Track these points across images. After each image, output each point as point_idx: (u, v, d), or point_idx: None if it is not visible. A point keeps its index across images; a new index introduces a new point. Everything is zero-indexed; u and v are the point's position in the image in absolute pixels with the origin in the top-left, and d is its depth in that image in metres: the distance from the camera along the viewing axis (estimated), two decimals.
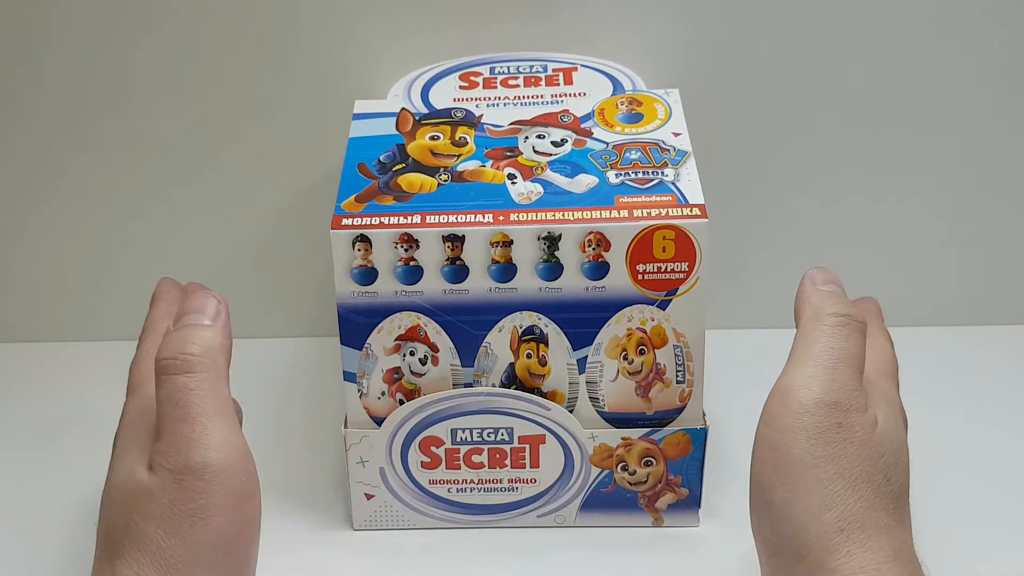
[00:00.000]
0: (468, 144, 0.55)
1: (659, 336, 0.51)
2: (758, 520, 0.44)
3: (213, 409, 0.43)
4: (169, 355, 0.43)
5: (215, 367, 0.44)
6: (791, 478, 0.42)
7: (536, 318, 0.51)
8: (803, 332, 0.45)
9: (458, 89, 0.60)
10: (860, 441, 0.42)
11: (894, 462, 0.43)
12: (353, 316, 0.51)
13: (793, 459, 0.42)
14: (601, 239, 0.49)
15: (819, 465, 0.42)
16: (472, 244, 0.50)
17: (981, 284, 0.71)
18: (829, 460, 0.42)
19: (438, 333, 0.51)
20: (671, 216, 0.49)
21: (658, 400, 0.53)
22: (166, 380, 0.43)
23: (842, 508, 0.41)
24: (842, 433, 0.42)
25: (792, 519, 0.42)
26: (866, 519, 0.42)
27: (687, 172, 0.52)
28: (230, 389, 0.45)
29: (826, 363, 0.43)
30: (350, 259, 0.50)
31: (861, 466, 0.42)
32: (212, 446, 0.42)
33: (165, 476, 0.42)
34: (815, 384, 0.43)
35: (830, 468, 0.42)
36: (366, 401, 0.53)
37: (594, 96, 0.58)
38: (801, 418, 0.42)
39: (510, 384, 0.52)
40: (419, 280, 0.50)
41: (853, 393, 0.43)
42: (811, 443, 0.42)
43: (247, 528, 0.43)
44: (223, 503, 0.42)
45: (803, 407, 0.42)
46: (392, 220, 0.50)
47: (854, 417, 0.43)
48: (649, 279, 0.50)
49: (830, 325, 0.45)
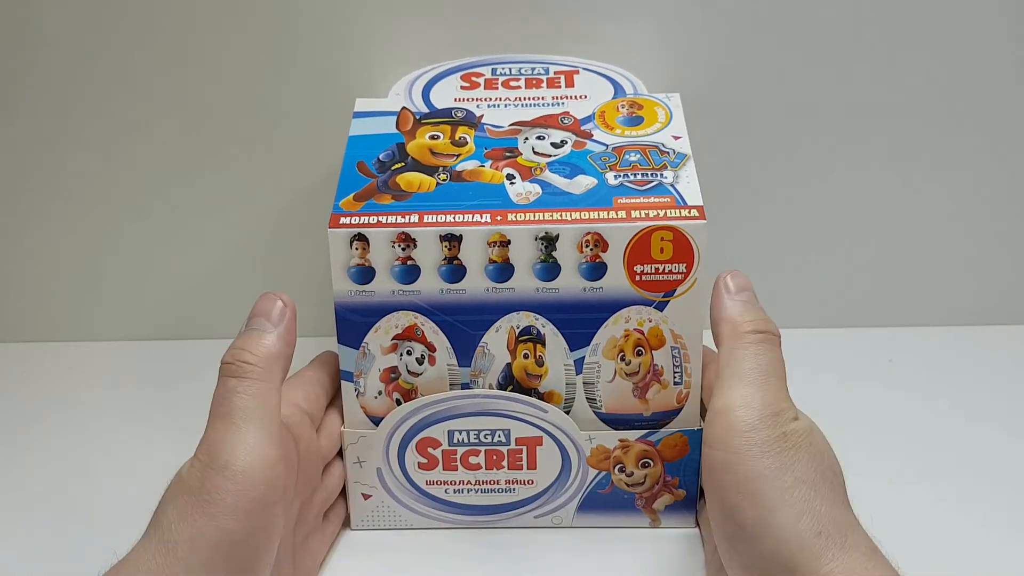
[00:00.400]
0: (468, 144, 0.55)
1: (657, 337, 0.51)
2: (731, 547, 0.44)
3: (254, 415, 0.45)
4: (228, 359, 0.46)
5: (267, 375, 0.46)
6: (758, 496, 0.43)
7: (533, 318, 0.51)
8: (727, 352, 0.47)
9: (459, 89, 0.60)
10: (805, 446, 0.44)
11: (831, 459, 0.45)
12: (350, 315, 0.51)
13: (754, 476, 0.43)
14: (599, 240, 0.49)
15: (779, 476, 0.43)
16: (470, 244, 0.50)
17: (981, 284, 0.70)
18: (786, 469, 0.43)
19: (435, 333, 0.51)
20: (669, 217, 0.49)
21: (655, 401, 0.53)
22: (221, 381, 0.46)
23: (812, 513, 0.42)
24: (788, 441, 0.44)
25: (769, 536, 0.42)
26: (836, 518, 0.42)
27: (686, 174, 0.52)
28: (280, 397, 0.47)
29: (758, 380, 0.45)
30: (347, 258, 0.50)
31: (813, 468, 0.43)
32: (239, 449, 0.44)
33: (196, 466, 0.44)
34: (754, 402, 0.45)
35: (788, 477, 0.43)
36: (363, 400, 0.53)
37: (595, 99, 0.58)
38: (750, 436, 0.44)
39: (507, 384, 0.52)
40: (416, 279, 0.50)
41: (786, 403, 0.45)
42: (767, 458, 0.43)
43: (256, 536, 0.44)
44: (235, 504, 0.43)
45: (749, 425, 0.44)
46: (390, 219, 0.50)
47: (793, 425, 0.45)
48: (647, 280, 0.50)
49: (751, 342, 0.47)
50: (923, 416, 0.63)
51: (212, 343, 0.71)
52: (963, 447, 0.61)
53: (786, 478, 0.43)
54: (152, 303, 0.72)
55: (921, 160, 0.67)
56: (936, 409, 0.64)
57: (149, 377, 0.68)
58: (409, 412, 0.52)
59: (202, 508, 0.43)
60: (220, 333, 0.72)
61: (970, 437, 0.62)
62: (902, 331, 0.71)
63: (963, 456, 0.61)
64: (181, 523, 0.43)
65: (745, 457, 0.43)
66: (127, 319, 0.72)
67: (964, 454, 0.61)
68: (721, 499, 0.44)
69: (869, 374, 0.67)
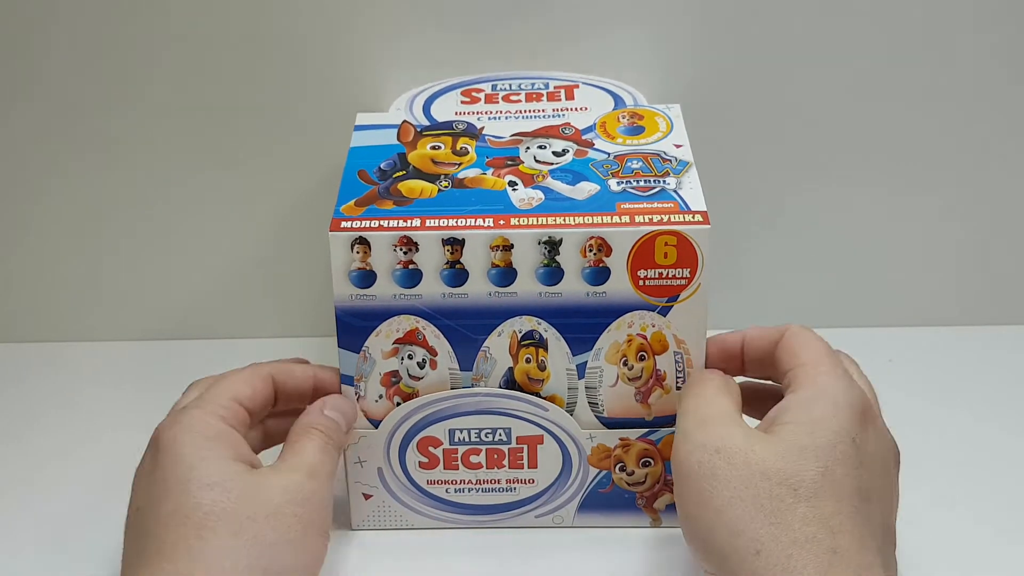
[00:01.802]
0: (469, 153, 0.55)
1: (660, 342, 0.51)
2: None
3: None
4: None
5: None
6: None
7: (536, 323, 0.51)
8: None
9: (460, 104, 0.60)
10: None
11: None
12: (351, 319, 0.51)
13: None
14: (602, 244, 0.49)
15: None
16: (472, 248, 0.49)
17: (982, 284, 0.71)
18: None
19: (437, 337, 0.51)
20: (673, 222, 0.49)
21: (658, 406, 0.53)
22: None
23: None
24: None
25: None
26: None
27: (689, 181, 0.52)
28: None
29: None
30: (348, 261, 0.50)
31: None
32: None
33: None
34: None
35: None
36: (363, 404, 0.53)
37: (595, 111, 0.58)
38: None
39: (509, 389, 0.52)
40: (418, 283, 0.50)
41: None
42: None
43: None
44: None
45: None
46: (391, 223, 0.50)
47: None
48: (650, 285, 0.50)
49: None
50: (923, 416, 0.63)
51: (212, 343, 0.72)
52: (963, 447, 0.61)
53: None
54: (152, 303, 0.72)
55: (920, 161, 0.67)
56: (936, 409, 0.64)
57: (149, 377, 0.68)
58: (410, 411, 0.52)
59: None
60: (220, 333, 0.72)
61: (970, 437, 0.62)
62: (902, 331, 0.71)
63: (963, 456, 0.61)
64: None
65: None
66: (127, 319, 0.72)
67: (964, 454, 0.61)
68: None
69: (869, 374, 0.66)
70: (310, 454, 0.48)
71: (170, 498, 0.44)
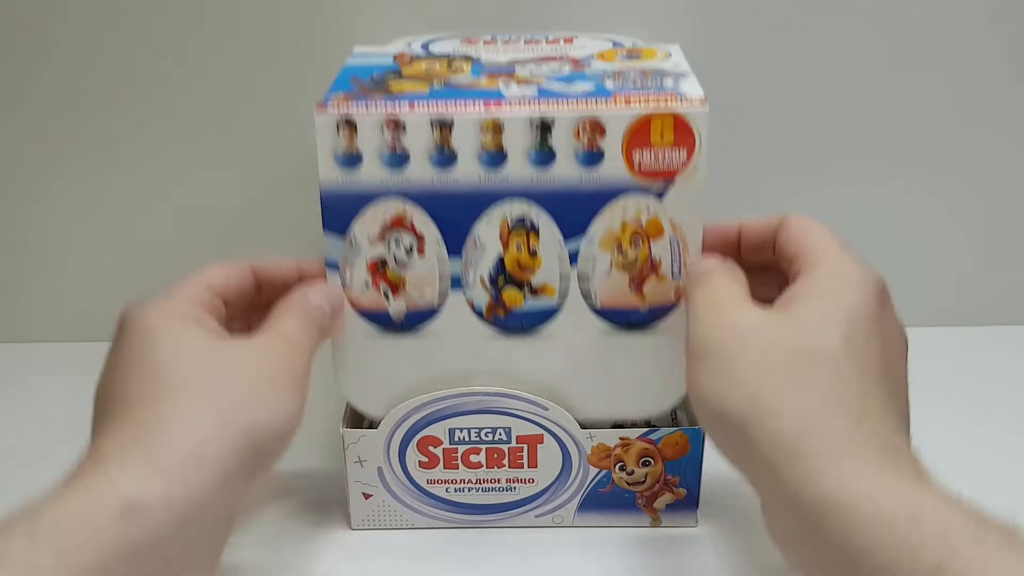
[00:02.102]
0: (465, 71, 0.53)
1: (655, 228, 0.50)
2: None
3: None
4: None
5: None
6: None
7: (527, 207, 0.50)
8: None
9: (459, 46, 0.59)
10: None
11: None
12: (336, 201, 0.49)
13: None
14: (596, 126, 0.48)
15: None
16: (461, 130, 0.48)
17: (981, 284, 0.71)
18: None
19: (425, 222, 0.50)
20: (670, 106, 0.48)
21: (652, 295, 0.51)
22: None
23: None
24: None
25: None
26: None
27: (688, 81, 0.50)
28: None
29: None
30: (335, 144, 0.48)
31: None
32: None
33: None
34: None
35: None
36: (349, 293, 0.51)
37: (594, 51, 0.57)
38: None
39: (498, 276, 0.51)
40: (406, 166, 0.49)
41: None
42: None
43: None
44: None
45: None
46: (379, 107, 0.48)
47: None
48: (646, 167, 0.48)
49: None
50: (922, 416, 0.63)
51: None
52: (963, 447, 0.61)
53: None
54: None
55: (920, 161, 0.67)
56: (936, 410, 0.64)
57: None
58: (410, 410, 0.52)
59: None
60: None
61: (970, 437, 0.62)
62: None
63: (963, 456, 0.61)
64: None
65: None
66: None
67: (964, 454, 0.61)
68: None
69: None
70: (285, 324, 0.47)
71: (135, 364, 0.44)
